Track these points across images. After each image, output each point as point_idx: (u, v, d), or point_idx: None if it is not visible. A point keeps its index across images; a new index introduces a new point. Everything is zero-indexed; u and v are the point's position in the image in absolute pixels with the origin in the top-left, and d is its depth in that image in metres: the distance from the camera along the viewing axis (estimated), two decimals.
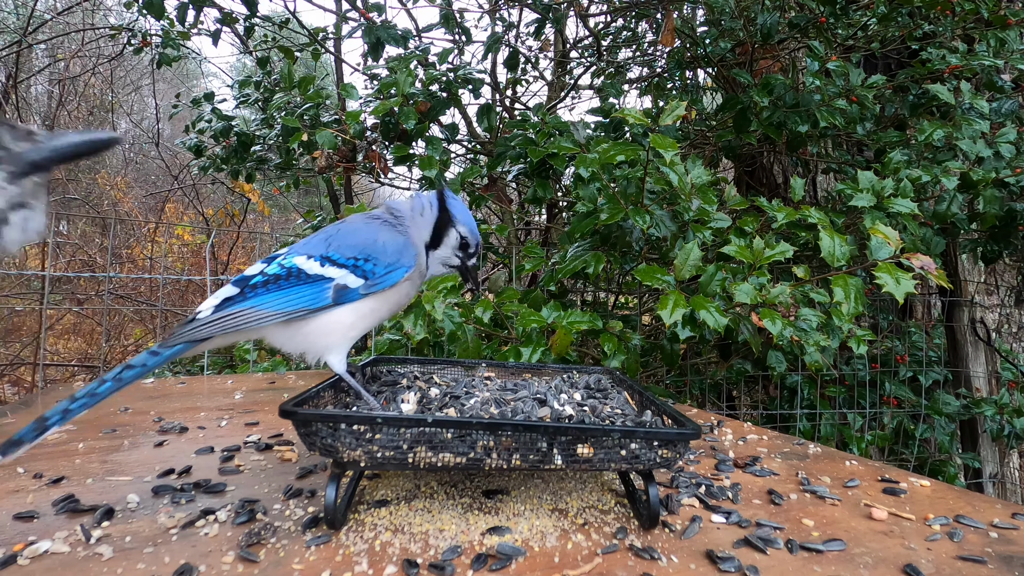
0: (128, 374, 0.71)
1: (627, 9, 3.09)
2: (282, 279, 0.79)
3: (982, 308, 2.69)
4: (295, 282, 0.79)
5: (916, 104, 2.01)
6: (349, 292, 0.79)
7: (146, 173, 8.39)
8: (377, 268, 0.81)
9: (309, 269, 0.80)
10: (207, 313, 0.77)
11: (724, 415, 1.59)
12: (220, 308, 0.77)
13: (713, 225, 1.56)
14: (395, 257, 0.82)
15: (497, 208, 2.61)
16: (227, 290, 0.79)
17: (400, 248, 0.83)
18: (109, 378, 0.70)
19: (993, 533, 0.72)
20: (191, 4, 2.33)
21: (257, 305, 0.77)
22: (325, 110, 2.25)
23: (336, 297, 0.78)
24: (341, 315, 0.79)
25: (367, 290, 0.80)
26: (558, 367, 1.05)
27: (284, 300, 0.78)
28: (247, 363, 2.26)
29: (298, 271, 0.79)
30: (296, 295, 0.78)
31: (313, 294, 0.78)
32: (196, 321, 0.77)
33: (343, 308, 0.79)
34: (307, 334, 0.80)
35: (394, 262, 0.82)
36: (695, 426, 0.68)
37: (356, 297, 0.80)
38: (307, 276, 0.79)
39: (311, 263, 0.80)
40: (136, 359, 0.73)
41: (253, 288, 0.78)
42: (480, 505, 0.72)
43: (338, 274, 0.79)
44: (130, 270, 6.05)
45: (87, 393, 0.68)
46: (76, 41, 5.41)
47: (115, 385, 0.69)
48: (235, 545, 0.61)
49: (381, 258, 0.81)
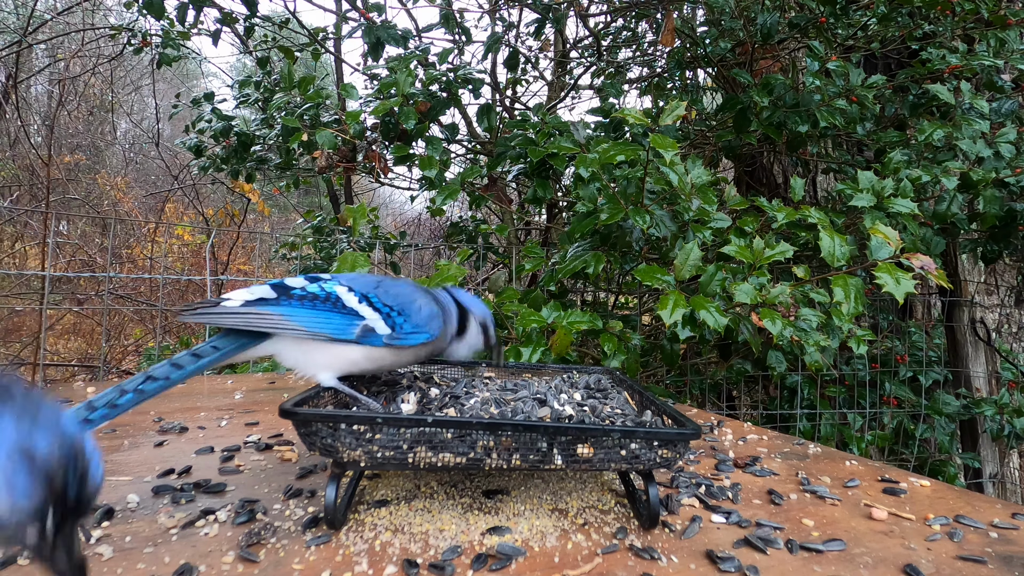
0: (151, 386, 0.69)
1: (627, 9, 3.09)
2: (319, 300, 0.81)
3: (982, 308, 2.69)
4: (331, 308, 0.81)
5: (916, 104, 2.01)
6: (373, 336, 0.81)
7: (146, 173, 8.39)
8: (406, 325, 0.84)
9: (347, 301, 0.82)
10: (235, 304, 0.79)
11: (724, 415, 1.59)
12: (251, 304, 0.79)
13: (713, 225, 1.56)
14: (425, 323, 0.86)
15: (497, 208, 2.61)
16: (263, 290, 0.81)
17: (432, 316, 0.87)
18: (130, 388, 0.67)
19: (993, 533, 0.72)
20: (191, 4, 2.33)
21: (287, 315, 0.79)
22: (325, 110, 2.25)
23: (360, 336, 0.80)
24: (353, 353, 0.81)
25: (390, 341, 0.82)
26: (558, 367, 1.05)
27: (313, 320, 0.80)
28: (247, 363, 2.26)
29: (336, 299, 0.82)
30: (325, 320, 0.80)
31: (342, 325, 0.80)
32: (221, 307, 0.78)
33: (359, 347, 0.81)
34: (311, 353, 0.81)
35: (422, 326, 0.85)
36: (695, 426, 0.68)
37: (377, 343, 0.82)
38: (343, 307, 0.82)
39: (351, 296, 0.83)
40: (158, 370, 0.70)
41: (290, 297, 0.81)
42: (480, 505, 0.72)
43: (371, 316, 0.82)
44: (130, 270, 6.05)
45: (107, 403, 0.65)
46: (76, 41, 5.41)
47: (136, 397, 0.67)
48: (235, 545, 0.61)
49: (414, 317, 0.85)
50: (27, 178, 5.94)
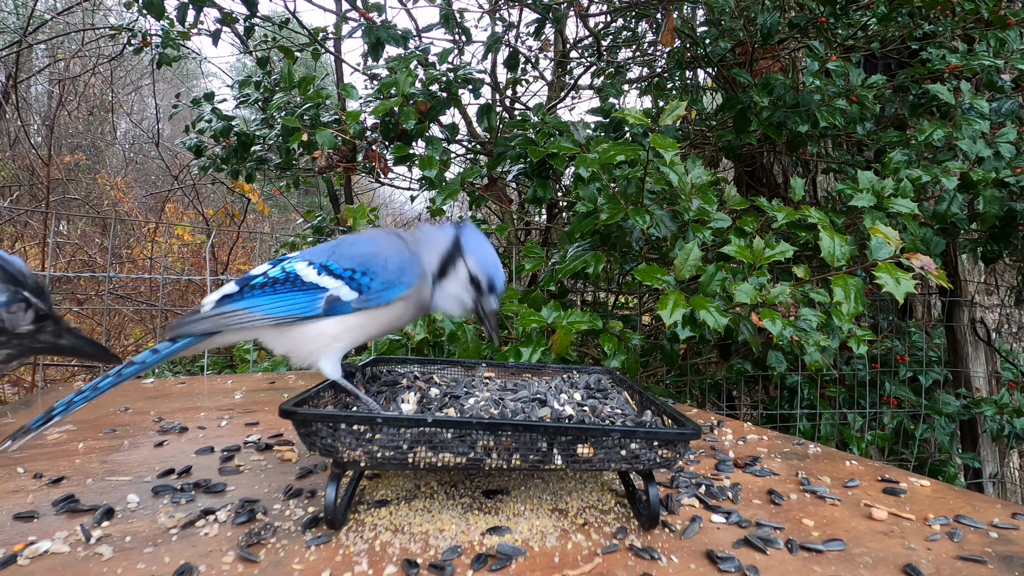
0: (128, 370, 0.72)
1: (627, 9, 3.09)
2: (279, 283, 0.78)
3: (982, 308, 2.69)
4: (290, 288, 0.78)
5: (916, 104, 2.01)
6: (340, 305, 0.77)
7: (146, 173, 8.39)
8: (373, 283, 0.78)
9: (306, 276, 0.78)
10: (208, 308, 0.78)
11: (724, 415, 1.59)
12: (219, 304, 0.78)
13: (713, 225, 1.56)
14: (395, 275, 0.79)
15: (497, 208, 2.61)
16: (228, 287, 0.79)
17: (402, 266, 0.79)
18: (111, 373, 0.72)
19: (993, 533, 0.72)
20: (191, 4, 2.33)
21: (250, 307, 0.77)
22: (325, 110, 2.25)
23: (327, 308, 0.77)
24: (326, 326, 0.78)
25: (359, 304, 0.77)
26: (558, 367, 1.05)
27: (276, 305, 0.77)
28: (247, 363, 2.26)
29: (295, 277, 0.78)
30: (288, 301, 0.77)
31: (305, 302, 0.77)
32: (196, 315, 0.78)
33: (330, 319, 0.77)
34: (292, 339, 0.79)
35: (393, 280, 0.78)
36: (695, 426, 0.68)
37: (347, 311, 0.77)
38: (303, 283, 0.78)
39: (309, 270, 0.79)
40: (138, 356, 0.74)
41: (252, 289, 0.78)
42: (480, 505, 0.72)
43: (333, 285, 0.77)
44: (130, 270, 6.05)
45: (90, 387, 0.71)
46: (76, 41, 5.41)
47: (115, 380, 0.71)
48: (235, 545, 0.61)
49: (380, 273, 0.78)
50: (27, 178, 5.94)
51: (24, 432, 0.67)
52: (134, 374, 0.72)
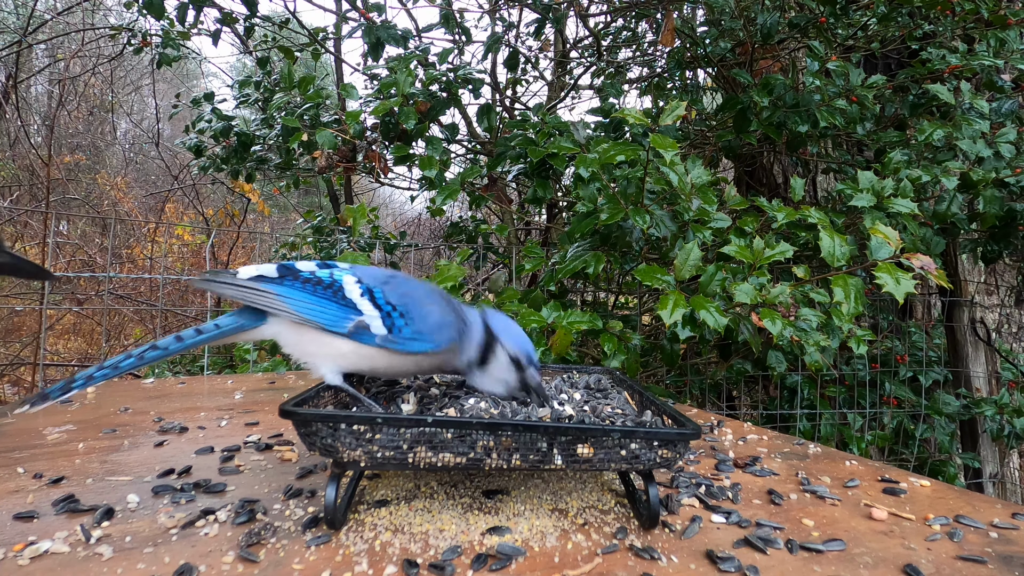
0: (151, 354, 0.73)
1: (627, 9, 3.09)
2: (320, 286, 0.77)
3: (982, 308, 2.69)
4: (330, 296, 0.77)
5: (916, 104, 2.01)
6: (366, 335, 0.76)
7: (146, 173, 8.39)
8: (405, 329, 0.76)
9: (349, 292, 0.77)
10: (243, 277, 0.78)
11: (724, 415, 1.59)
12: (254, 280, 0.78)
13: (713, 225, 1.56)
14: (431, 331, 0.77)
15: (497, 208, 2.61)
16: (267, 268, 0.79)
17: (442, 326, 0.78)
18: (134, 354, 0.73)
19: (993, 533, 0.72)
20: (191, 4, 2.33)
21: (284, 295, 0.76)
22: (325, 110, 2.25)
23: (353, 331, 0.75)
24: (342, 344, 0.77)
25: (382, 342, 0.76)
26: (558, 367, 1.05)
27: (309, 306, 0.76)
28: (247, 363, 2.26)
29: (339, 288, 0.77)
30: (321, 307, 0.76)
31: (336, 317, 0.76)
32: (231, 278, 0.78)
33: (350, 342, 0.76)
34: (302, 338, 0.78)
35: (426, 334, 0.77)
36: (695, 426, 0.68)
37: (369, 342, 0.76)
38: (343, 297, 0.77)
39: (355, 288, 0.77)
40: (161, 341, 0.74)
41: (295, 279, 0.78)
42: (480, 505, 0.72)
43: (369, 312, 0.76)
44: (130, 270, 6.05)
45: (111, 364, 0.72)
46: (76, 41, 5.41)
47: (136, 361, 0.72)
48: (235, 545, 0.61)
49: (416, 322, 0.77)
50: (27, 178, 5.95)
51: (42, 398, 0.68)
52: (156, 359, 0.73)
